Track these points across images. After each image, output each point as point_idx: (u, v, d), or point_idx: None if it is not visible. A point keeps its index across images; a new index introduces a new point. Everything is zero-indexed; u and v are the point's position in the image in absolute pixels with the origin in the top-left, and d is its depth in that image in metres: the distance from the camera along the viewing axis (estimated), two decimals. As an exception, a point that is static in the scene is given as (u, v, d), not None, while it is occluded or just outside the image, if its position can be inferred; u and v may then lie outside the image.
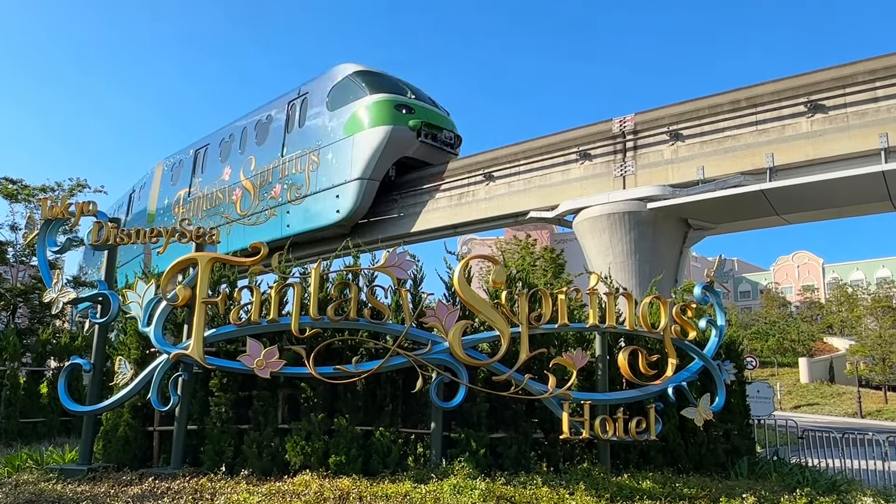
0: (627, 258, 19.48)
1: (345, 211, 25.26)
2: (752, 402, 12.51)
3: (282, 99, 29.80)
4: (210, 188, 32.18)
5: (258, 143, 29.90)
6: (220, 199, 31.10)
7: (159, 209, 35.89)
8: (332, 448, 9.13)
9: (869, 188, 17.00)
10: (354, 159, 25.01)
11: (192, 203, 33.02)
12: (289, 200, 27.24)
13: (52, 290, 9.97)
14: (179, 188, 34.77)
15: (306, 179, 26.74)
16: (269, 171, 28.71)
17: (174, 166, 35.99)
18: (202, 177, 33.18)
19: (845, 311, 60.44)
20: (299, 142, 27.56)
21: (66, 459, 10.30)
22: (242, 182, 29.94)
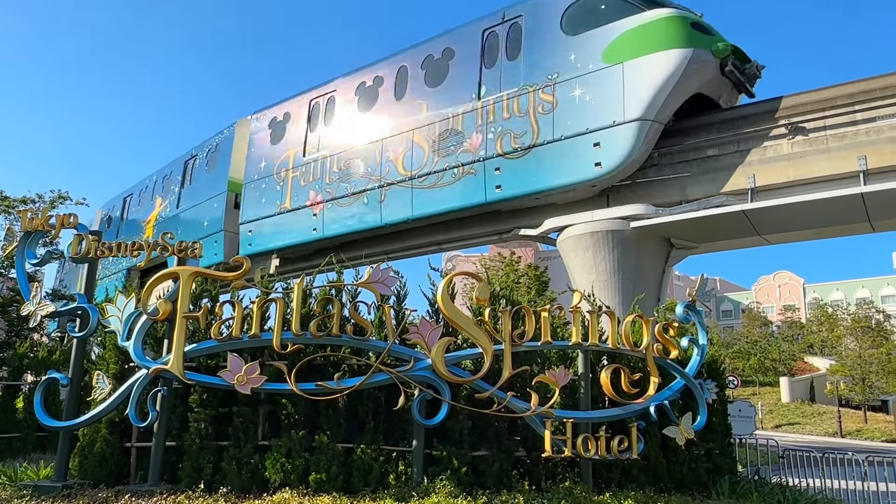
0: (611, 276, 19.55)
1: (611, 164, 18.66)
2: (734, 421, 12.56)
3: (467, 29, 23.06)
4: (342, 146, 25.08)
5: (431, 84, 23.14)
6: (367, 159, 23.98)
7: (249, 180, 28.48)
8: (313, 465, 9.04)
9: (848, 209, 17.23)
10: (628, 94, 18.68)
11: (311, 167, 25.78)
12: (499, 153, 20.47)
13: (31, 302, 9.86)
14: (284, 148, 27.70)
15: (532, 125, 20.11)
16: (457, 119, 21.99)
17: (273, 122, 28.55)
18: (324, 131, 25.91)
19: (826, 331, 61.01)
20: (512, 77, 20.94)
21: (41, 476, 10.11)
22: (408, 135, 23.16)
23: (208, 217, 30.04)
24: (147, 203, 36.31)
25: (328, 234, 24.82)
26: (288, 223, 26.29)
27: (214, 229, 29.26)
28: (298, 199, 25.96)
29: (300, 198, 25.92)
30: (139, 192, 37.80)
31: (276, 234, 26.69)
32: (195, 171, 32.80)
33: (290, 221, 26.22)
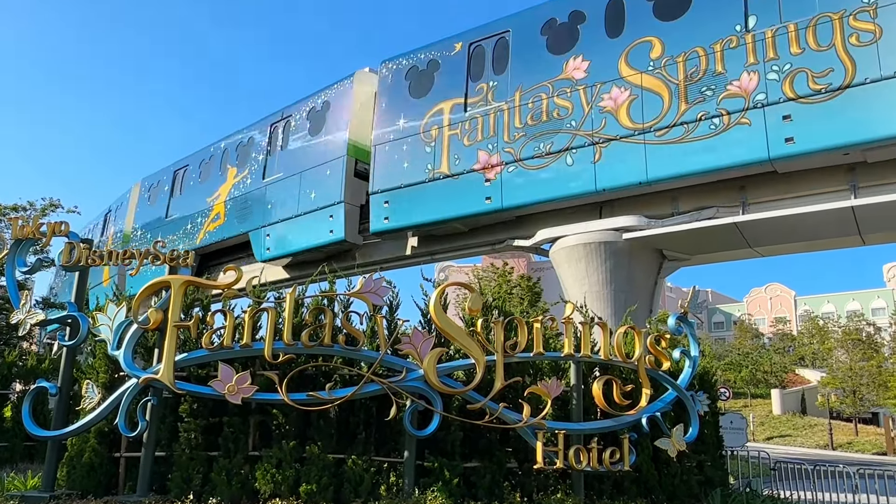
0: (603, 287, 19.58)
1: None
2: (726, 433, 12.58)
3: None
4: (530, 94, 20.28)
5: (661, 17, 18.94)
6: (569, 109, 19.44)
7: (381, 142, 23.72)
8: (304, 476, 8.99)
9: (839, 222, 17.33)
10: None
11: (480, 122, 21.07)
12: (791, 97, 16.43)
13: (20, 311, 9.80)
14: (432, 101, 22.76)
15: (842, 60, 15.87)
16: (714, 56, 17.74)
17: (413, 72, 23.77)
18: (499, 79, 21.16)
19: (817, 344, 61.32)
20: (799, 4, 16.91)
21: (28, 486, 10.02)
22: (632, 79, 18.74)
23: (317, 188, 24.88)
24: (213, 175, 30.93)
25: (510, 205, 20.19)
26: (444, 192, 21.43)
27: (328, 202, 24.22)
28: (461, 161, 21.17)
29: (464, 160, 21.12)
30: (199, 164, 32.32)
31: (424, 206, 21.78)
32: (289, 134, 27.35)
33: (447, 190, 21.38)
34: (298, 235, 25.25)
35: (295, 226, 25.40)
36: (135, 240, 34.38)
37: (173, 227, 32.09)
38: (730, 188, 18.16)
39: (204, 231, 30.01)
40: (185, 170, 33.20)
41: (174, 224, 32.25)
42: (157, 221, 33.63)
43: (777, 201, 17.58)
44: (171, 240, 31.07)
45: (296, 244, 25.38)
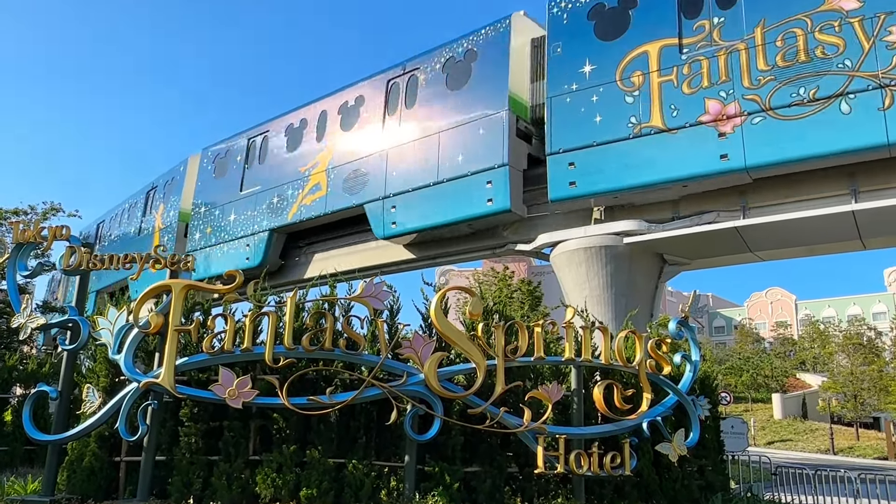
0: (604, 292, 19.58)
1: None
2: (727, 438, 12.56)
3: None
4: (779, 28, 16.73)
5: None
6: (833, 47, 15.80)
7: (559, 93, 20.08)
8: (304, 481, 8.98)
9: (840, 227, 17.33)
10: None
11: (706, 65, 17.66)
12: None
13: (21, 315, 9.79)
14: (631, 42, 19.21)
15: None
16: None
17: (595, 11, 20.09)
18: (728, 14, 17.73)
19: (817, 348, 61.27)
20: None
21: (29, 490, 10.00)
22: None
23: (468, 149, 21.33)
24: (307, 140, 27.17)
25: (756, 163, 16.65)
26: (654, 150, 17.98)
27: (486, 165, 20.69)
28: (681, 112, 17.75)
29: (685, 111, 17.71)
30: (284, 129, 28.46)
31: (625, 169, 18.41)
32: (417, 90, 23.79)
33: (659, 148, 17.93)
34: (440, 206, 21.72)
35: (434, 194, 21.88)
36: (197, 217, 31.43)
37: (252, 202, 28.51)
38: (730, 193, 18.17)
39: (297, 205, 26.41)
40: (265, 136, 29.37)
41: (253, 198, 28.47)
42: (228, 195, 29.88)
43: (778, 206, 17.59)
44: (250, 216, 28.27)
45: (437, 216, 21.81)
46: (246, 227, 28.42)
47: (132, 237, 36.79)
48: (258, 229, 27.73)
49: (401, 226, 22.76)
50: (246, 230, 28.39)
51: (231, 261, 27.71)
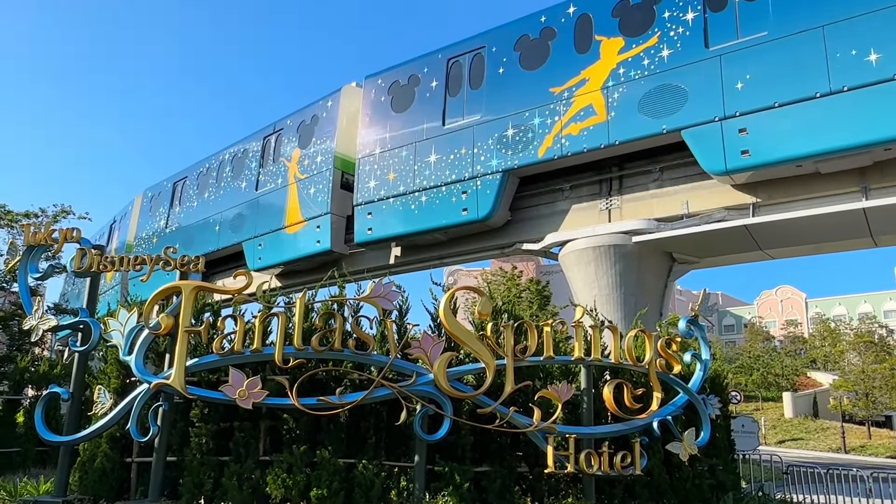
0: (613, 291, 19.54)
1: None
2: (737, 437, 12.51)
3: None
4: None
5: None
6: None
7: None
8: (314, 481, 8.99)
9: (851, 224, 17.24)
10: None
11: None
12: None
13: (33, 316, 9.84)
14: None
15: None
16: None
17: None
18: None
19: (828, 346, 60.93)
20: None
21: (41, 491, 10.07)
22: None
23: None
24: None
25: None
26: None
27: None
28: None
29: None
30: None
31: None
32: None
33: None
34: None
35: None
36: (369, 161, 24.81)
37: (468, 136, 22.12)
38: (739, 190, 18.09)
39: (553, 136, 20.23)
40: (477, 53, 22.88)
41: (470, 132, 22.09)
42: (423, 131, 23.49)
43: (787, 203, 17.50)
44: (463, 155, 21.89)
45: None
46: (459, 171, 22.09)
47: (244, 194, 30.17)
48: (482, 171, 21.51)
49: None
50: (460, 174, 22.01)
51: (438, 215, 22.26)
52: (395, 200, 23.43)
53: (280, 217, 27.46)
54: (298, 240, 26.32)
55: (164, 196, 36.43)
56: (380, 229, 23.67)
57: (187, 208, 33.89)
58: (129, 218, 40.15)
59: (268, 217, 28.05)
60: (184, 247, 29.38)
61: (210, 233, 31.39)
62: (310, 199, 26.31)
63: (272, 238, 27.59)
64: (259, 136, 30.46)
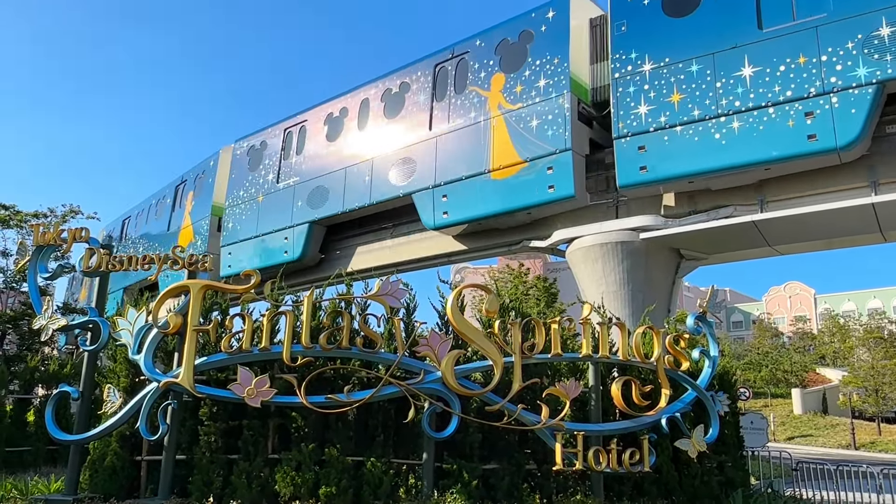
0: (620, 288, 19.49)
1: None
2: (746, 434, 12.46)
3: None
4: None
5: None
6: None
7: None
8: (323, 479, 9.02)
9: (860, 220, 17.13)
10: None
11: None
12: None
13: (42, 316, 9.90)
14: None
15: None
16: None
17: None
18: None
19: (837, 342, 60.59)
20: None
21: (52, 489, 10.14)
22: None
23: None
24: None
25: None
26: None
27: None
28: None
29: None
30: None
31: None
32: None
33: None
34: None
35: None
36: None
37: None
38: (747, 186, 18.01)
39: None
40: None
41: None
42: None
43: (796, 199, 17.40)
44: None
45: None
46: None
47: (411, 135, 24.84)
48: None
49: None
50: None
51: None
52: None
53: (478, 160, 21.70)
54: (515, 187, 20.71)
55: (272, 145, 30.67)
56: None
57: (313, 156, 28.19)
58: (211, 176, 34.05)
59: (456, 160, 22.38)
60: (312, 205, 26.97)
61: (358, 183, 25.66)
62: (531, 133, 20.61)
63: (465, 186, 21.86)
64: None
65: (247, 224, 29.69)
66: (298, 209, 27.31)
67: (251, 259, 28.35)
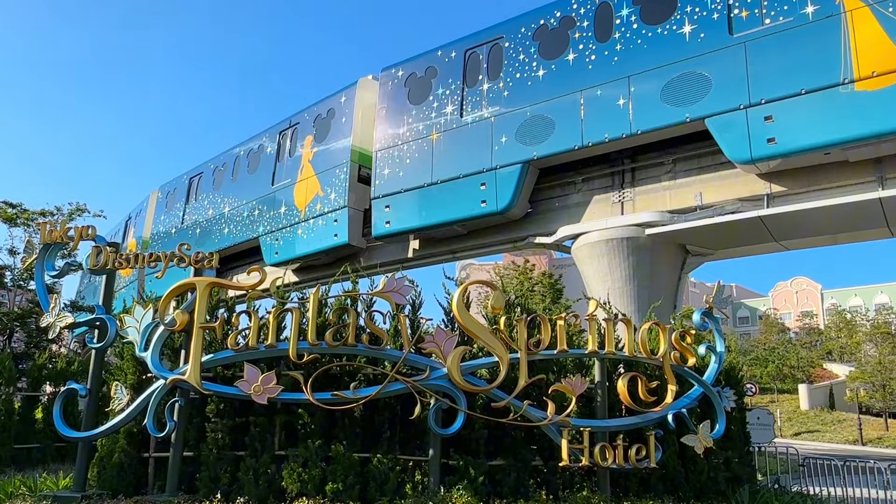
0: (626, 284, 19.47)
1: None
2: (753, 429, 12.45)
3: None
4: None
5: None
6: None
7: None
8: (329, 475, 9.04)
9: (867, 215, 17.07)
10: None
11: None
12: None
13: (50, 314, 9.94)
14: None
15: None
16: None
17: None
18: None
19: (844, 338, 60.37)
20: None
21: (60, 486, 10.18)
22: None
23: None
24: None
25: None
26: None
27: None
28: None
29: None
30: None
31: None
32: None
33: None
34: None
35: None
36: None
37: None
38: (754, 182, 17.95)
39: None
40: None
41: None
42: None
43: (802, 194, 17.35)
44: None
45: None
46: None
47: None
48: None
49: None
50: None
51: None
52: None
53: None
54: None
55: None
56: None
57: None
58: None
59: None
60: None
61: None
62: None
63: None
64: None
65: (413, 170, 23.51)
66: (502, 147, 21.35)
67: (424, 213, 22.96)
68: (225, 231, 31.47)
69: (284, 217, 27.90)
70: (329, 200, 25.95)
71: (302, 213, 27.01)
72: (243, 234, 30.20)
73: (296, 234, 27.19)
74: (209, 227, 32.68)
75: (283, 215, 27.98)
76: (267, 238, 28.69)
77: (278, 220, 28.20)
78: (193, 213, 34.56)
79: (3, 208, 24.27)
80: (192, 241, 25.06)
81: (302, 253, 26.83)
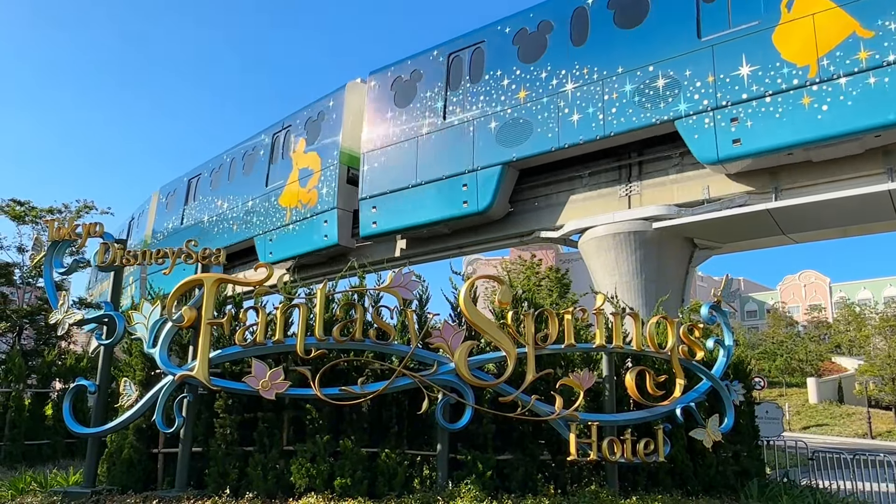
0: (633, 278, 19.42)
1: None
2: (761, 423, 12.40)
3: None
4: None
5: None
6: None
7: None
8: (338, 470, 9.06)
9: (876, 207, 16.97)
10: None
11: None
12: None
13: (58, 311, 9.98)
14: None
15: None
16: None
17: None
18: None
19: (853, 331, 60.09)
20: None
21: (70, 482, 10.25)
22: None
23: None
24: None
25: None
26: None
27: None
28: None
29: None
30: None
31: None
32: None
33: None
34: None
35: None
36: None
37: None
38: (761, 175, 17.86)
39: None
40: None
41: None
42: None
43: (810, 187, 17.26)
44: None
45: None
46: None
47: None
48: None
49: None
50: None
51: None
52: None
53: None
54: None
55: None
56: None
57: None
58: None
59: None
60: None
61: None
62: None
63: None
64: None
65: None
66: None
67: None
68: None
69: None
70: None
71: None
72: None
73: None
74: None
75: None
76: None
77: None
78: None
79: (12, 206, 24.35)
80: None
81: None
